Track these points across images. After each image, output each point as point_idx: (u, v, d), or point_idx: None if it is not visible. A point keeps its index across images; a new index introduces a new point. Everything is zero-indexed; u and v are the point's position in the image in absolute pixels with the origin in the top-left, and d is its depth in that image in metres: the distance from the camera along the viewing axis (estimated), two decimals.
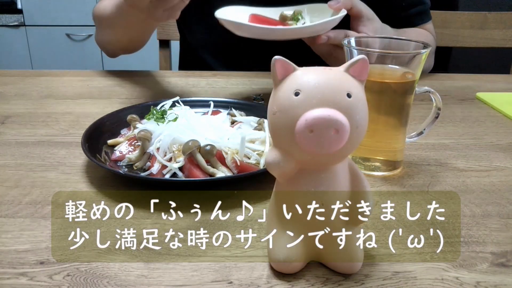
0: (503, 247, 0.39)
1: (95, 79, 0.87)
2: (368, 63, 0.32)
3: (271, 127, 0.32)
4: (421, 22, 0.91)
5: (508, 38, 1.20)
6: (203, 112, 0.63)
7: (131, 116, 0.58)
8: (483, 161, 0.56)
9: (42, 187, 0.48)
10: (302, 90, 0.30)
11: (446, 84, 0.88)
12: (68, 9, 2.32)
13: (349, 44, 0.49)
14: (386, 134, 0.51)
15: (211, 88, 0.82)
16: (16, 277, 0.35)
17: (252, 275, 0.35)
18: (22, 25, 2.39)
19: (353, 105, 0.30)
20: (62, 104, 0.73)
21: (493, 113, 0.73)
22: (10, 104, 0.73)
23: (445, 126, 0.66)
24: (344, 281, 0.35)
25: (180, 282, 0.34)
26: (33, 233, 0.40)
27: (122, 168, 0.51)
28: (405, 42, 0.50)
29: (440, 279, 0.35)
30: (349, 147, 0.31)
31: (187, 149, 0.47)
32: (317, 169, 0.33)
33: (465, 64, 2.24)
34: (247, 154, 0.50)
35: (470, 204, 0.46)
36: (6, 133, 0.62)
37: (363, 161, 0.52)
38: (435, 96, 0.51)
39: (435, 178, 0.51)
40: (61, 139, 0.60)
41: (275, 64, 0.31)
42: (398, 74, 0.48)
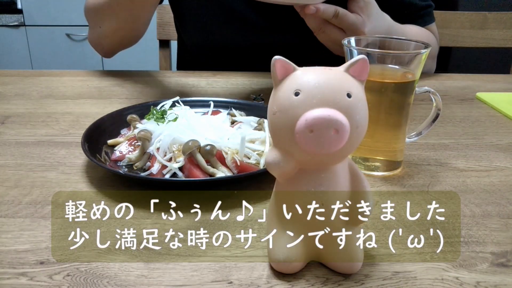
0: (503, 247, 0.39)
1: (95, 79, 0.87)
2: (368, 63, 0.32)
3: (271, 127, 0.32)
4: (424, 24, 0.90)
5: (508, 38, 1.20)
6: (203, 112, 0.63)
7: (131, 116, 0.58)
8: (483, 161, 0.56)
9: (42, 187, 0.48)
10: (302, 90, 0.30)
11: (446, 84, 0.88)
12: (68, 9, 2.32)
13: (349, 44, 0.49)
14: (386, 134, 0.51)
15: (211, 88, 0.82)
16: (16, 277, 0.35)
17: (252, 275, 0.35)
18: (22, 25, 2.39)
19: (353, 105, 0.30)
20: (62, 104, 0.73)
21: (493, 113, 0.73)
22: (10, 104, 0.73)
23: (445, 126, 0.66)
24: (344, 281, 0.35)
25: (180, 282, 0.34)
26: (33, 233, 0.40)
27: (122, 168, 0.51)
28: (405, 42, 0.50)
29: (440, 279, 0.35)
30: (349, 147, 0.31)
31: (187, 149, 0.47)
32: (317, 169, 0.33)
33: (465, 64, 2.24)
34: (247, 154, 0.50)
35: (470, 204, 0.46)
36: (6, 133, 0.62)
37: (363, 161, 0.52)
38: (435, 96, 0.51)
39: (435, 178, 0.51)
40: (61, 139, 0.60)
41: (275, 64, 0.31)
42: (398, 74, 0.48)
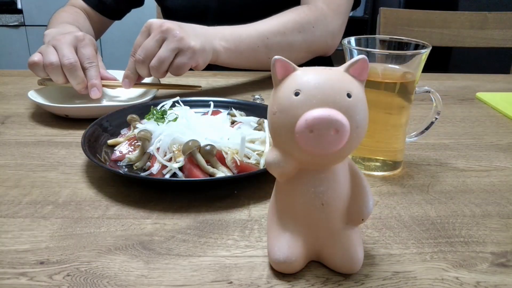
0: (503, 247, 0.39)
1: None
2: (368, 63, 0.32)
3: (271, 127, 0.32)
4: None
5: (508, 38, 1.21)
6: (203, 112, 0.63)
7: (131, 116, 0.58)
8: (483, 161, 0.56)
9: (42, 187, 0.48)
10: (302, 90, 0.30)
11: (446, 84, 0.88)
12: None
13: (349, 44, 0.49)
14: (386, 134, 0.51)
15: (211, 88, 0.82)
16: (16, 277, 0.35)
17: (252, 275, 0.35)
18: (22, 25, 2.39)
19: (353, 105, 0.30)
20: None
21: (493, 113, 0.73)
22: (10, 104, 0.73)
23: (445, 126, 0.66)
24: (344, 281, 0.35)
25: (180, 282, 0.34)
26: (33, 233, 0.40)
27: (122, 168, 0.51)
28: (404, 42, 0.50)
29: (440, 279, 0.35)
30: (349, 147, 0.31)
31: (187, 149, 0.47)
32: (317, 169, 0.33)
33: (465, 64, 2.24)
34: (247, 154, 0.50)
35: (470, 204, 0.46)
36: (6, 133, 0.62)
37: (363, 161, 0.52)
38: (435, 96, 0.51)
39: (435, 178, 0.51)
40: (61, 139, 0.60)
41: (275, 64, 0.31)
42: (398, 74, 0.48)
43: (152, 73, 0.68)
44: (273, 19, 0.80)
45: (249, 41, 0.77)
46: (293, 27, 0.80)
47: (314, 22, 0.81)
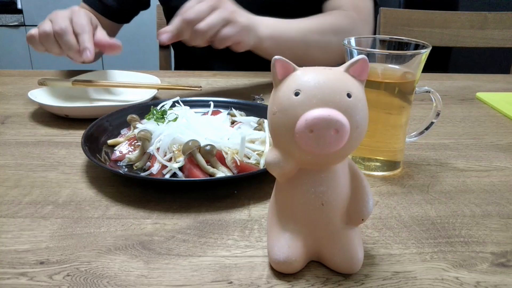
0: (503, 247, 0.39)
1: None
2: (368, 63, 0.32)
3: (271, 127, 0.32)
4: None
5: (508, 38, 1.21)
6: (203, 112, 0.63)
7: (131, 116, 0.58)
8: (483, 161, 0.56)
9: (42, 187, 0.48)
10: (302, 90, 0.30)
11: (446, 84, 0.88)
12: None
13: (349, 44, 0.49)
14: (386, 134, 0.51)
15: (211, 88, 0.82)
16: (16, 277, 0.35)
17: (252, 275, 0.35)
18: (22, 25, 2.39)
19: (353, 105, 0.30)
20: None
21: (493, 113, 0.73)
22: (10, 104, 0.73)
23: (445, 126, 0.66)
24: (344, 281, 0.35)
25: (180, 282, 0.34)
26: (33, 233, 0.40)
27: (122, 168, 0.51)
28: (404, 42, 0.50)
29: (440, 279, 0.35)
30: (349, 147, 0.31)
31: (187, 149, 0.47)
32: (317, 169, 0.33)
33: (465, 64, 2.24)
34: (247, 154, 0.50)
35: (470, 204, 0.46)
36: (6, 133, 0.62)
37: (363, 161, 0.52)
38: (435, 96, 0.51)
39: (435, 178, 0.51)
40: (61, 139, 0.60)
41: (275, 64, 0.31)
42: (398, 74, 0.48)
43: (196, 37, 0.66)
44: (312, 19, 0.82)
45: (289, 34, 0.78)
46: (330, 28, 0.82)
47: (349, 28, 0.84)
